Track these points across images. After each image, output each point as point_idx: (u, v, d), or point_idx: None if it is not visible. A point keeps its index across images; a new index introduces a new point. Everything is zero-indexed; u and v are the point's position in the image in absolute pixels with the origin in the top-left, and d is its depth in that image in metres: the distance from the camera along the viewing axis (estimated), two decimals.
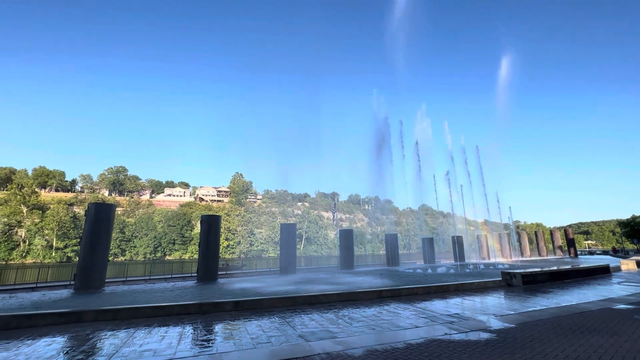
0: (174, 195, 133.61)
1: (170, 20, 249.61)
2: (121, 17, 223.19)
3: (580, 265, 20.58)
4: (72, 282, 18.85)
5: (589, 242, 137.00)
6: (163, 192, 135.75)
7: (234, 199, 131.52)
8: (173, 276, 26.23)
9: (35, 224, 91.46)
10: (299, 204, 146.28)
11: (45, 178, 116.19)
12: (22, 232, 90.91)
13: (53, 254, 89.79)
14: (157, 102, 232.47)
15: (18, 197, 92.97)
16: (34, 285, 20.36)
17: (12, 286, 20.51)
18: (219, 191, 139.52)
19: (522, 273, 15.50)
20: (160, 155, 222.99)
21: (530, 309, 9.79)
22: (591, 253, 68.76)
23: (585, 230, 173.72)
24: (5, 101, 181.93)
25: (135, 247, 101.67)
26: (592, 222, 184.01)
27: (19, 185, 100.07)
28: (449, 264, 35.69)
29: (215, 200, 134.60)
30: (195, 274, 23.18)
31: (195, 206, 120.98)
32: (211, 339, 7.11)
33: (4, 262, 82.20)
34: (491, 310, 9.83)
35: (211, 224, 23.20)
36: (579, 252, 57.97)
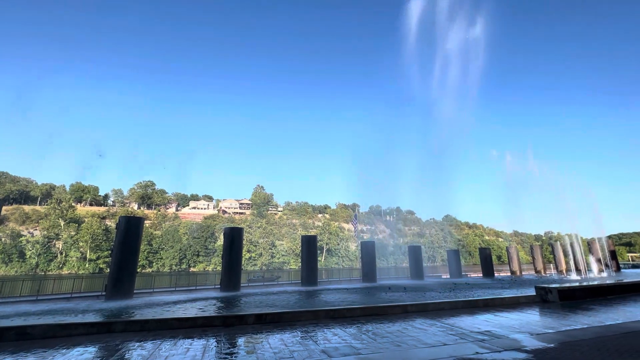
0: (198, 208, 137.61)
1: (185, 26, 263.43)
2: (154, 25, 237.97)
3: (625, 280, 18.99)
4: (104, 293, 19.64)
5: (633, 254, 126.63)
6: (188, 205, 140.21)
7: (255, 211, 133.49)
8: (197, 287, 26.73)
9: (71, 237, 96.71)
10: (320, 215, 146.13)
11: (81, 193, 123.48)
12: (59, 245, 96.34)
13: (87, 265, 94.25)
14: (180, 116, 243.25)
15: (57, 211, 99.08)
16: (69, 296, 21.39)
17: (50, 296, 21.66)
18: (241, 203, 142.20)
19: (559, 288, 14.50)
20: (185, 169, 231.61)
21: (570, 328, 9.09)
22: (635, 266, 63.41)
23: (627, 241, 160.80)
24: (47, 121, 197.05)
25: (161, 258, 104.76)
26: (635, 232, 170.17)
27: (57, 200, 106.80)
28: (476, 278, 34.11)
29: (237, 213, 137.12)
30: (219, 286, 23.51)
31: (219, 218, 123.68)
32: (234, 353, 7.11)
33: (43, 273, 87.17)
34: (525, 328, 9.22)
35: (234, 236, 23.58)
36: (621, 266, 53.65)
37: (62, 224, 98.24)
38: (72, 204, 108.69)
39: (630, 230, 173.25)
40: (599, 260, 45.92)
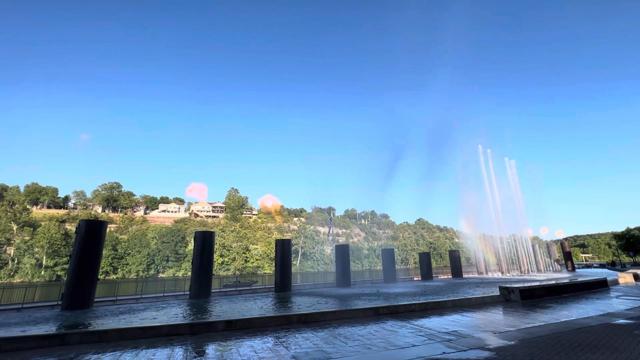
0: (168, 211, 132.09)
1: (163, 27, 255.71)
2: (110, 26, 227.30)
3: (578, 279, 20.44)
4: (60, 302, 18.25)
5: (586, 255, 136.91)
6: (157, 208, 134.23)
7: (229, 215, 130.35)
8: (165, 295, 25.55)
9: (25, 242, 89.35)
10: (295, 219, 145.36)
11: (37, 195, 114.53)
12: (11, 251, 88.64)
13: (42, 272, 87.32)
14: (151, 117, 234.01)
15: (9, 214, 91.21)
16: (20, 306, 19.65)
17: None
18: (214, 207, 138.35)
19: (520, 288, 15.32)
20: (156, 171, 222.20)
21: (529, 325, 9.60)
22: (588, 266, 68.55)
23: (581, 243, 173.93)
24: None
25: (127, 264, 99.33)
26: (588, 235, 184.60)
27: (10, 202, 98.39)
28: (446, 279, 35.30)
29: (210, 216, 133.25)
30: (189, 292, 22.61)
31: (190, 222, 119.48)
32: None
33: None
34: (490, 327, 9.62)
35: (205, 240, 22.84)
36: (576, 266, 57.77)
37: (14, 228, 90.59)
38: (27, 207, 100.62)
39: (583, 233, 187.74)
40: (556, 261, 49.18)
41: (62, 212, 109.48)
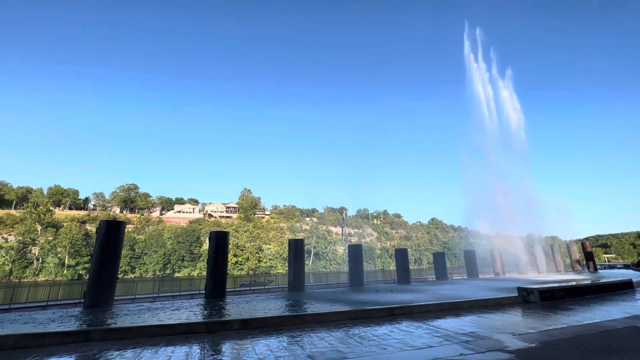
0: (183, 212, 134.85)
1: (176, 27, 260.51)
2: (128, 25, 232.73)
3: (601, 280, 19.69)
4: (82, 300, 18.90)
5: (609, 255, 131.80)
6: (173, 209, 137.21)
7: (242, 215, 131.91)
8: (181, 293, 26.11)
9: (49, 242, 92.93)
10: (307, 219, 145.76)
11: (59, 196, 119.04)
12: (35, 250, 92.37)
13: (65, 271, 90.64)
14: (167, 118, 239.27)
15: (33, 215, 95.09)
16: (45, 304, 20.49)
17: (24, 304, 20.69)
18: (228, 207, 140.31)
19: (540, 289, 14.88)
20: (171, 172, 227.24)
21: (550, 328, 9.31)
22: (611, 267, 65.93)
23: (603, 243, 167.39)
24: (23, 121, 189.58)
25: (144, 264, 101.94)
26: (611, 234, 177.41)
27: (34, 203, 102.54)
28: (461, 280, 34.65)
29: (224, 217, 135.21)
30: (204, 291, 23.01)
31: (204, 222, 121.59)
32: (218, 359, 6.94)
33: (17, 281, 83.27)
34: (508, 328, 9.39)
35: (219, 240, 23.15)
36: (598, 266, 55.62)
37: (38, 229, 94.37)
38: (50, 208, 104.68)
39: (606, 233, 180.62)
40: (577, 262, 47.50)
41: (82, 213, 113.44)
